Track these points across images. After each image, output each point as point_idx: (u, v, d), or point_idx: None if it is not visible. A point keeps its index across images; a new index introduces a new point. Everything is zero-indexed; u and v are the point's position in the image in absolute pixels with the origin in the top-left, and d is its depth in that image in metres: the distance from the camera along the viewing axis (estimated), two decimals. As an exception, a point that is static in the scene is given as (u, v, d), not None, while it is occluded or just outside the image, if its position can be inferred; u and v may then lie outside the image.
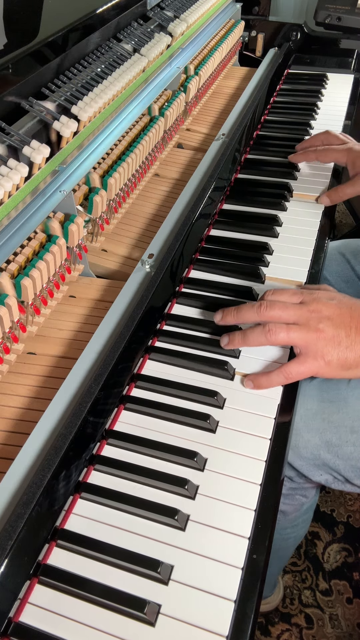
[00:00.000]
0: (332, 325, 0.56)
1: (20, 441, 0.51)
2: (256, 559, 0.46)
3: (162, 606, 0.43)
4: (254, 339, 0.59)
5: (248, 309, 0.60)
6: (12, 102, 0.70)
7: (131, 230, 0.84)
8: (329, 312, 0.57)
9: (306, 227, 0.81)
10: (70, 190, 0.67)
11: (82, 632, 0.42)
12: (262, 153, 0.98)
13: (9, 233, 0.59)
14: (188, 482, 0.49)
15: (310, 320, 0.57)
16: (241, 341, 0.60)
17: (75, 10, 0.83)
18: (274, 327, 0.57)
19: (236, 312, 0.60)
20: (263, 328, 0.58)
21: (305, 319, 0.57)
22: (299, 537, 1.02)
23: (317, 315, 0.57)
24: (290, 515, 0.91)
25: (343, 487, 0.73)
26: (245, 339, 0.59)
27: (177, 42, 1.03)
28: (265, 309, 0.58)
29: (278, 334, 0.57)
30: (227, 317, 0.61)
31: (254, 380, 0.59)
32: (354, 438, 0.68)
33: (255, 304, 0.59)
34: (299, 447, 0.71)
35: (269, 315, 0.58)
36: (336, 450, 0.69)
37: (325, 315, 0.57)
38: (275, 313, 0.58)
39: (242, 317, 0.60)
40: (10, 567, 0.42)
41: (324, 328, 0.56)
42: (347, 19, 1.20)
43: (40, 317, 0.68)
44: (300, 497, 0.85)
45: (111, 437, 0.54)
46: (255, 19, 1.34)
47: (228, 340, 0.61)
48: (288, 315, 0.58)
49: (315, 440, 0.70)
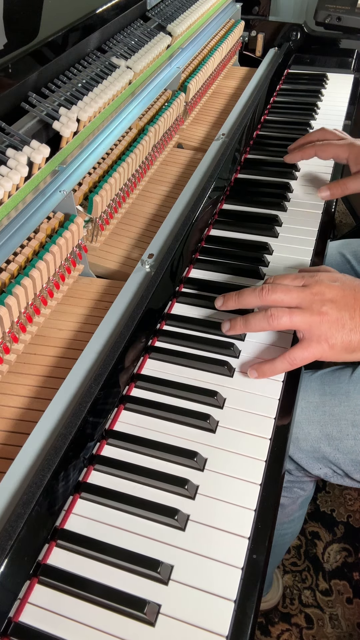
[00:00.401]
0: (335, 307, 0.55)
1: (20, 441, 0.51)
2: (256, 558, 0.46)
3: (162, 606, 0.43)
4: (256, 323, 0.57)
5: (249, 293, 0.58)
6: (12, 102, 0.70)
7: (131, 230, 0.84)
8: (332, 295, 0.56)
9: (306, 227, 0.81)
10: (70, 190, 0.67)
11: (82, 632, 0.42)
12: (262, 153, 0.98)
13: (9, 233, 0.59)
14: (188, 482, 0.49)
15: (314, 303, 0.56)
16: (243, 326, 0.59)
17: (75, 10, 0.83)
18: (276, 311, 0.56)
19: (237, 296, 0.59)
20: (265, 312, 0.56)
21: (308, 302, 0.56)
22: (295, 532, 1.02)
23: (320, 298, 0.56)
24: (287, 509, 0.91)
25: (342, 481, 0.72)
26: (247, 324, 0.58)
27: (177, 42, 1.03)
28: (267, 292, 0.57)
29: (280, 318, 0.56)
30: (228, 301, 0.60)
31: (258, 369, 0.58)
32: (354, 431, 0.68)
33: (257, 288, 0.58)
34: (299, 440, 0.71)
35: (271, 299, 0.57)
36: (337, 443, 0.69)
37: (328, 297, 0.56)
38: (277, 297, 0.57)
39: (244, 302, 0.59)
40: (10, 567, 0.42)
41: (327, 311, 0.55)
42: (347, 19, 1.20)
43: (40, 317, 0.68)
44: (299, 490, 0.85)
45: (111, 437, 0.54)
46: (255, 19, 1.34)
47: (229, 325, 0.60)
48: (290, 299, 0.56)
49: (316, 433, 0.69)
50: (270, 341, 0.64)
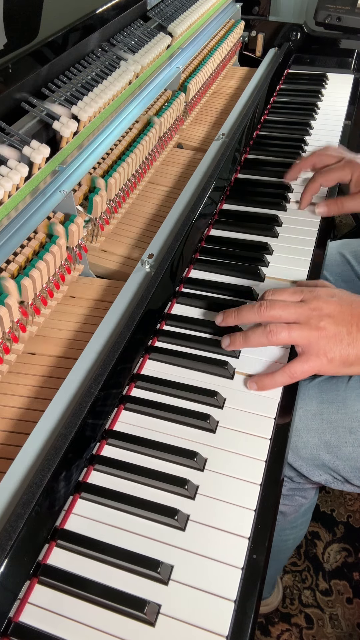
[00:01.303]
0: (333, 322, 0.56)
1: (20, 441, 0.51)
2: (256, 559, 0.46)
3: (162, 606, 0.43)
4: (255, 339, 0.58)
5: (248, 309, 0.59)
6: (12, 102, 0.70)
7: (131, 230, 0.84)
8: (330, 310, 0.57)
9: (306, 227, 0.81)
10: (70, 190, 0.67)
11: (82, 632, 0.42)
12: (262, 153, 0.98)
13: (9, 233, 0.59)
14: (188, 482, 0.49)
15: (311, 318, 0.57)
16: (242, 342, 0.60)
17: (75, 10, 0.83)
18: (275, 327, 0.57)
19: (237, 313, 0.60)
20: (264, 328, 0.57)
21: (306, 318, 0.57)
22: (297, 538, 1.02)
23: (318, 314, 0.57)
24: (290, 517, 0.91)
25: (342, 487, 0.73)
26: (246, 339, 0.59)
27: (177, 42, 1.03)
28: (265, 309, 0.58)
29: (279, 333, 0.57)
30: (227, 318, 0.61)
31: (258, 382, 0.58)
32: (352, 439, 0.68)
33: (256, 305, 0.59)
34: (299, 448, 0.71)
35: (269, 315, 0.58)
36: (335, 450, 0.69)
37: (326, 313, 0.57)
38: (275, 313, 0.58)
39: (243, 318, 0.60)
40: (10, 567, 0.42)
41: (325, 326, 0.56)
42: (347, 19, 1.20)
43: (40, 317, 0.68)
44: (300, 497, 0.86)
45: (111, 437, 0.54)
46: (255, 19, 1.34)
47: (229, 341, 0.61)
48: (289, 315, 0.57)
49: (315, 441, 0.70)
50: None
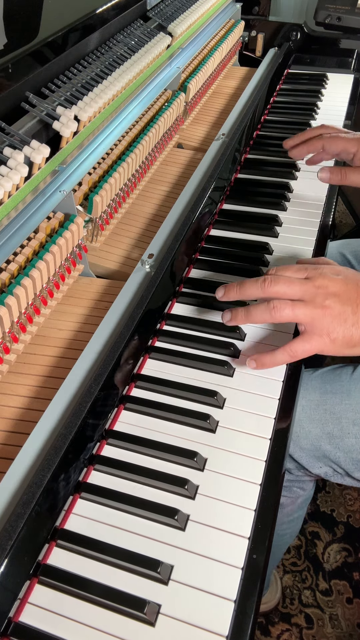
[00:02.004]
0: (338, 301, 0.55)
1: (20, 441, 0.50)
2: (256, 559, 0.46)
3: (162, 606, 0.43)
4: (257, 315, 0.56)
5: (252, 284, 0.57)
6: (12, 102, 0.70)
7: (131, 230, 0.84)
8: (336, 288, 0.55)
9: (306, 227, 0.81)
10: (70, 190, 0.67)
11: (82, 632, 0.42)
12: (262, 153, 0.98)
13: (9, 233, 0.59)
14: (188, 482, 0.49)
15: (317, 296, 0.55)
16: (244, 317, 0.57)
17: (75, 10, 0.83)
18: (278, 303, 0.55)
19: (239, 287, 0.58)
20: (267, 304, 0.55)
21: (311, 295, 0.55)
22: (294, 533, 1.02)
23: (324, 292, 0.55)
24: (287, 509, 0.91)
25: (342, 480, 0.72)
26: (248, 315, 0.57)
27: (177, 42, 1.03)
28: (269, 284, 0.56)
29: (283, 310, 0.55)
30: (229, 292, 0.59)
31: (257, 360, 0.57)
32: (355, 430, 0.67)
33: (260, 279, 0.57)
34: (300, 438, 0.70)
35: (273, 291, 0.56)
36: (337, 442, 0.68)
37: (331, 291, 0.55)
38: (280, 288, 0.56)
39: (245, 293, 0.58)
40: (10, 567, 0.42)
41: (330, 304, 0.54)
42: (347, 19, 1.20)
43: (40, 317, 0.68)
44: (298, 489, 0.85)
45: (111, 437, 0.54)
46: (255, 19, 1.34)
47: (231, 316, 0.59)
48: (293, 291, 0.56)
49: (317, 431, 0.69)
50: (270, 341, 0.64)
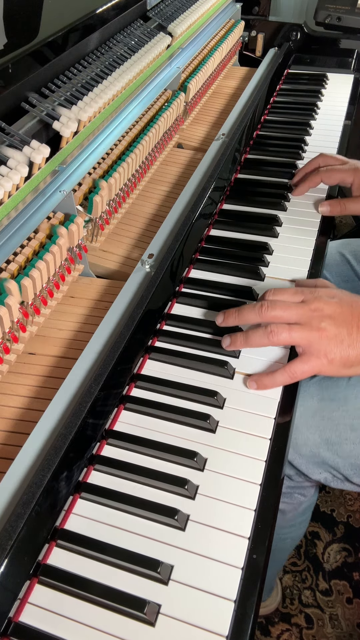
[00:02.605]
0: (334, 323, 0.56)
1: (20, 441, 0.51)
2: (256, 559, 0.46)
3: (162, 606, 0.43)
4: (255, 340, 0.58)
5: (249, 310, 0.59)
6: (12, 102, 0.70)
7: (131, 230, 0.84)
8: (331, 311, 0.57)
9: (306, 227, 0.81)
10: (70, 190, 0.67)
11: (82, 632, 0.42)
12: (262, 153, 0.98)
13: (9, 233, 0.59)
14: (188, 482, 0.49)
15: (312, 319, 0.57)
16: (243, 342, 0.60)
17: (75, 10, 0.83)
18: (275, 327, 0.57)
19: (237, 313, 0.60)
20: (265, 329, 0.57)
21: (307, 318, 0.57)
22: (296, 538, 1.02)
23: (319, 314, 0.57)
24: (289, 515, 0.91)
25: (342, 485, 0.73)
26: (247, 340, 0.59)
27: (177, 42, 1.03)
28: (266, 309, 0.58)
29: (280, 334, 0.57)
30: (228, 318, 0.61)
31: (258, 381, 0.58)
32: (353, 436, 0.68)
33: (257, 305, 0.59)
34: (299, 445, 0.71)
35: (270, 316, 0.58)
36: (336, 448, 0.69)
37: (326, 313, 0.57)
38: (276, 313, 0.58)
39: (244, 318, 0.60)
40: (10, 567, 0.42)
41: (325, 327, 0.56)
42: (347, 19, 1.20)
43: (40, 317, 0.68)
44: (299, 495, 0.85)
45: (111, 437, 0.54)
46: (255, 19, 1.34)
47: (230, 341, 0.61)
48: (290, 315, 0.58)
49: (315, 438, 0.70)
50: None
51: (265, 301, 0.59)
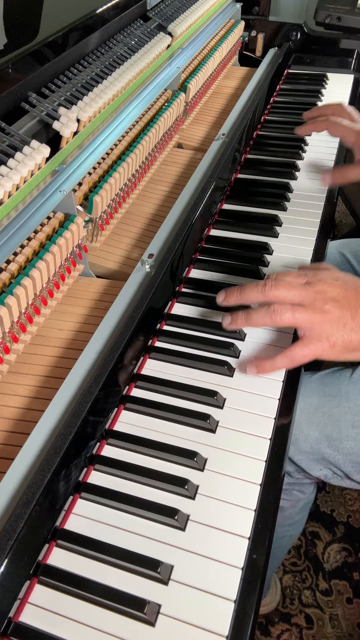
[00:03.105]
0: (338, 306, 0.55)
1: (20, 441, 0.51)
2: (256, 559, 0.46)
3: (162, 606, 0.43)
4: (258, 319, 0.57)
5: (252, 288, 0.58)
6: (12, 102, 0.70)
7: (131, 230, 0.84)
8: (335, 293, 0.56)
9: (306, 227, 0.81)
10: (70, 190, 0.67)
11: (82, 632, 0.42)
12: (262, 153, 0.98)
13: (9, 233, 0.59)
14: (188, 482, 0.49)
15: (316, 301, 0.56)
16: (245, 321, 0.58)
17: (75, 10, 0.83)
18: (279, 307, 0.56)
19: (240, 291, 0.59)
20: (268, 308, 0.56)
21: (310, 300, 0.56)
22: (294, 536, 1.02)
23: (323, 297, 0.56)
24: (287, 512, 0.91)
25: (342, 482, 0.73)
26: (249, 318, 0.58)
27: (177, 42, 1.03)
28: (270, 288, 0.56)
29: (283, 314, 0.55)
30: (230, 296, 0.59)
31: (258, 365, 0.57)
32: (354, 432, 0.68)
33: (260, 283, 0.57)
34: (299, 441, 0.71)
35: (273, 295, 0.56)
36: (336, 444, 0.69)
37: (330, 296, 0.56)
38: (280, 293, 0.56)
39: (246, 297, 0.58)
40: (10, 567, 0.42)
41: (329, 309, 0.55)
42: (347, 19, 1.20)
43: (40, 317, 0.68)
44: (298, 492, 0.85)
45: (111, 437, 0.54)
46: (255, 19, 1.34)
47: (231, 319, 0.59)
48: (293, 296, 0.56)
49: (316, 434, 0.69)
50: (270, 341, 0.64)
51: (268, 280, 0.57)
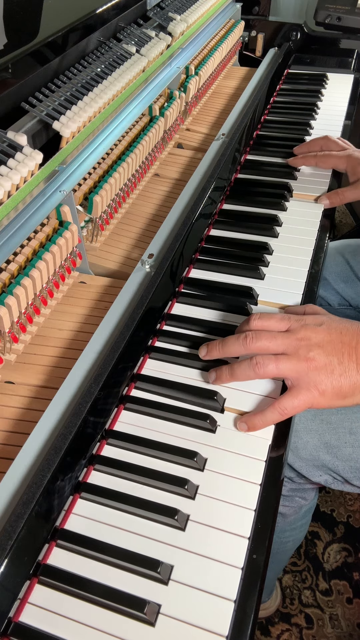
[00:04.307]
0: (323, 353, 0.53)
1: (20, 441, 0.51)
2: (256, 559, 0.46)
3: (162, 606, 0.43)
4: (241, 373, 0.55)
5: (233, 341, 0.56)
6: (12, 102, 0.70)
7: (131, 230, 0.84)
8: (319, 339, 0.54)
9: (306, 227, 0.81)
10: (70, 190, 0.67)
11: (82, 632, 0.42)
12: (262, 153, 0.98)
13: (9, 233, 0.59)
14: (188, 482, 0.49)
15: (300, 349, 0.54)
16: (229, 376, 0.56)
17: (75, 10, 0.83)
18: (261, 359, 0.54)
19: (221, 345, 0.57)
20: (250, 361, 0.54)
21: (294, 348, 0.54)
22: (297, 540, 1.02)
23: (307, 344, 0.54)
24: (289, 518, 0.91)
25: (342, 487, 0.73)
26: (232, 373, 0.56)
27: (177, 42, 1.03)
28: (251, 340, 0.55)
29: (266, 366, 0.54)
30: (212, 351, 0.58)
31: (248, 422, 0.54)
32: (352, 439, 0.68)
33: (241, 336, 0.56)
34: (299, 449, 0.71)
35: (255, 347, 0.55)
36: (335, 451, 0.69)
37: (314, 342, 0.54)
38: (262, 344, 0.55)
39: (228, 351, 0.57)
40: (10, 567, 0.42)
41: (314, 356, 0.53)
42: (347, 19, 1.20)
43: (40, 317, 0.68)
44: (300, 499, 0.86)
45: (111, 437, 0.54)
46: (255, 19, 1.34)
47: (215, 376, 0.57)
48: (276, 346, 0.54)
49: (315, 442, 0.70)
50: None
51: (250, 332, 0.56)
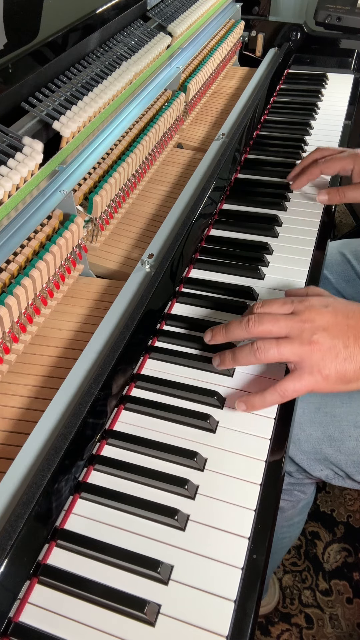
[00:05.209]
0: (328, 335, 0.52)
1: (20, 441, 0.51)
2: (256, 559, 0.46)
3: (162, 606, 0.43)
4: (243, 358, 0.54)
5: (236, 326, 0.55)
6: (12, 102, 0.70)
7: (131, 230, 0.84)
8: (324, 321, 0.53)
9: (306, 227, 0.81)
10: (70, 190, 0.67)
11: (82, 632, 0.42)
12: (262, 153, 0.98)
13: (9, 233, 0.59)
14: (188, 482, 0.49)
15: (303, 331, 0.52)
16: (232, 361, 0.56)
17: (75, 10, 0.83)
18: (262, 344, 0.53)
19: (225, 330, 0.56)
20: (251, 346, 0.53)
21: (297, 331, 0.53)
22: (293, 537, 1.02)
23: (311, 326, 0.52)
24: (287, 512, 0.91)
25: (343, 482, 0.72)
26: (235, 358, 0.55)
27: (177, 42, 1.03)
28: (253, 324, 0.54)
29: (268, 351, 0.52)
30: (216, 336, 0.58)
31: (247, 402, 0.54)
32: (356, 433, 0.67)
33: (244, 320, 0.55)
34: (301, 441, 0.70)
35: (258, 331, 0.54)
36: (338, 444, 0.68)
37: (319, 324, 0.53)
38: (264, 328, 0.53)
39: (231, 336, 0.56)
40: (10, 567, 0.42)
41: (318, 339, 0.52)
42: (347, 19, 1.20)
43: (40, 317, 0.68)
44: (299, 492, 0.85)
45: (111, 437, 0.54)
46: (255, 19, 1.34)
47: (219, 360, 0.57)
48: (279, 329, 0.53)
49: (317, 434, 0.69)
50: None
51: (252, 315, 0.55)
